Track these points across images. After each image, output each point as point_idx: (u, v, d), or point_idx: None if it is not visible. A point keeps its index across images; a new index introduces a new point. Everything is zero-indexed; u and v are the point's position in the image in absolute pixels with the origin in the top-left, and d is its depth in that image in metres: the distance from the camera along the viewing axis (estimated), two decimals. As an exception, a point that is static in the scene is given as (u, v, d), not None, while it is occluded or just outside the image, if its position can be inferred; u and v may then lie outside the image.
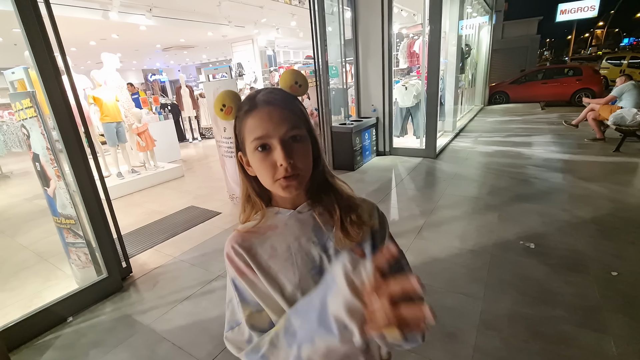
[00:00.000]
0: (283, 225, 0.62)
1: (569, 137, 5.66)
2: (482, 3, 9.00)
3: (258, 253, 0.61)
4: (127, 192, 4.53)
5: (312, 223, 0.63)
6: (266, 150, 0.55)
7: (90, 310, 2.16)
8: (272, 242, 0.62)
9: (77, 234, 2.27)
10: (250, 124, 0.56)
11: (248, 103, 0.57)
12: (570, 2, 20.79)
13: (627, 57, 11.89)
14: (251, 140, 0.56)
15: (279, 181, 0.56)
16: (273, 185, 0.57)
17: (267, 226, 0.63)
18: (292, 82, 0.60)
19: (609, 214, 2.87)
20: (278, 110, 0.56)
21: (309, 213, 0.63)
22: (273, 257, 0.61)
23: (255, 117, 0.55)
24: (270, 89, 0.60)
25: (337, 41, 5.13)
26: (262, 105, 0.56)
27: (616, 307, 1.80)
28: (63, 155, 2.10)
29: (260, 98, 0.57)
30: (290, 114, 0.56)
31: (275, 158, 0.55)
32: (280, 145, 0.54)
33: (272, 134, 0.54)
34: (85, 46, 8.28)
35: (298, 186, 0.57)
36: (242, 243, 0.62)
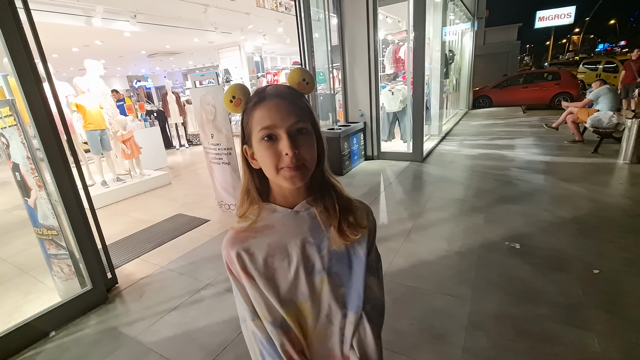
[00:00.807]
0: (280, 224, 0.63)
1: (549, 140, 5.84)
2: (464, 10, 9.25)
3: (255, 253, 0.62)
4: (112, 200, 4.43)
5: (309, 222, 0.63)
6: (272, 140, 0.56)
7: (73, 324, 2.09)
8: (268, 241, 0.63)
9: (59, 245, 2.20)
10: (258, 114, 0.57)
11: (257, 96, 0.59)
12: (547, 9, 21.61)
13: (602, 62, 12.36)
14: (258, 129, 0.57)
15: (283, 170, 0.56)
16: (277, 175, 0.57)
17: (263, 225, 0.63)
18: (300, 79, 0.61)
19: (589, 213, 2.97)
20: (286, 103, 0.57)
21: (306, 212, 0.64)
22: (270, 257, 0.62)
23: (264, 108, 0.57)
24: (278, 84, 0.62)
25: (323, 47, 5.18)
26: (271, 98, 0.57)
27: (598, 304, 1.86)
28: (44, 165, 2.05)
29: (269, 91, 0.58)
30: (297, 108, 0.57)
31: (280, 148, 0.55)
32: (286, 136, 0.55)
33: (279, 125, 0.56)
34: (67, 53, 8.11)
35: (302, 178, 0.57)
36: (240, 244, 0.63)
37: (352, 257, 0.65)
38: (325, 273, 0.63)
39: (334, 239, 0.62)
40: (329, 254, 0.63)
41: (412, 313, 1.91)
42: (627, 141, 4.30)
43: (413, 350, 1.66)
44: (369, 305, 0.66)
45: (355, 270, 0.64)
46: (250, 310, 0.64)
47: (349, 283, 0.64)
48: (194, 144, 8.70)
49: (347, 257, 0.64)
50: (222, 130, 3.46)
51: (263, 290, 0.63)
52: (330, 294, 0.63)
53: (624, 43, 46.44)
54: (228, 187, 3.65)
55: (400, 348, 1.67)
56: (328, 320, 0.64)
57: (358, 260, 0.65)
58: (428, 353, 1.64)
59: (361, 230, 0.64)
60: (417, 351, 1.65)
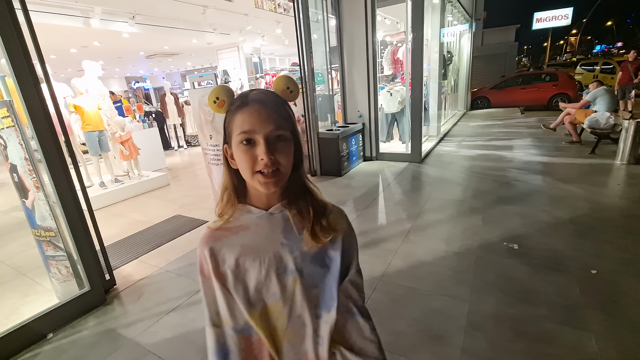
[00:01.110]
0: (254, 225, 0.65)
1: (547, 140, 5.86)
2: (462, 12, 9.29)
3: (228, 252, 0.64)
4: (111, 202, 4.42)
5: (283, 225, 0.65)
6: (250, 144, 0.59)
7: (71, 326, 2.08)
8: (242, 241, 0.64)
9: (57, 247, 2.20)
10: (239, 118, 0.59)
11: (240, 99, 0.61)
12: (545, 11, 21.73)
13: (600, 63, 12.43)
14: (238, 133, 0.59)
15: (257, 175, 0.59)
16: (252, 178, 0.60)
17: (238, 226, 0.66)
18: (284, 87, 0.63)
19: (586, 214, 2.98)
20: (267, 109, 0.59)
21: (280, 215, 0.65)
22: (242, 256, 0.64)
23: (245, 112, 0.59)
24: (262, 90, 0.63)
25: (322, 48, 5.19)
26: (253, 103, 0.59)
27: (596, 304, 1.86)
28: (42, 166, 2.04)
29: (252, 96, 0.60)
30: (277, 115, 0.59)
31: (257, 153, 0.58)
32: (264, 141, 0.58)
33: (258, 130, 0.58)
34: (65, 53, 8.09)
35: (276, 183, 0.60)
36: (214, 243, 0.65)
37: (325, 259, 0.65)
38: (298, 274, 0.63)
39: (306, 240, 0.64)
40: (302, 255, 0.64)
41: (411, 314, 1.91)
42: (624, 142, 4.32)
43: (412, 351, 1.66)
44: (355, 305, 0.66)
45: (329, 272, 0.65)
46: (210, 315, 0.65)
47: (322, 284, 0.64)
48: (192, 145, 8.70)
49: (320, 259, 0.65)
50: (220, 131, 3.43)
51: (232, 291, 0.64)
52: (303, 294, 0.63)
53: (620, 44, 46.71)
54: (227, 188, 3.64)
55: (398, 349, 1.67)
56: (300, 322, 0.64)
57: (331, 262, 0.65)
58: (427, 354, 1.64)
59: (334, 233, 0.65)
60: (416, 352, 1.65)
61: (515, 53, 16.93)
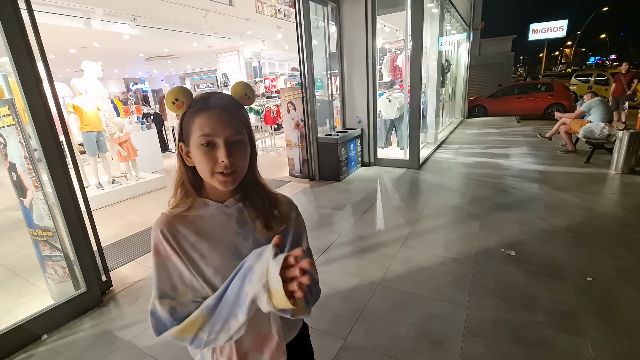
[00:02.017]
0: (210, 216, 0.69)
1: (543, 149, 5.93)
2: (460, 21, 9.43)
3: (184, 238, 0.67)
4: (107, 203, 4.39)
5: (237, 215, 0.70)
6: (210, 147, 0.62)
7: (67, 327, 2.06)
8: (197, 229, 0.67)
9: (54, 247, 2.18)
10: (199, 121, 0.62)
11: (200, 102, 0.64)
12: (541, 22, 22.12)
13: (594, 74, 12.64)
14: (198, 135, 0.62)
15: (217, 175, 0.63)
16: (211, 177, 0.64)
17: (194, 215, 0.68)
18: (243, 93, 0.68)
19: (582, 222, 3.01)
20: (227, 114, 0.63)
21: (235, 207, 0.70)
22: (198, 243, 0.67)
23: (206, 116, 0.62)
24: (221, 94, 0.68)
25: (322, 54, 5.24)
26: (214, 108, 0.63)
27: (592, 311, 1.88)
28: (41, 165, 2.04)
29: (213, 101, 0.64)
30: (236, 120, 0.64)
31: (217, 155, 0.62)
32: (224, 145, 0.62)
33: (219, 134, 0.62)
34: (64, 54, 8.08)
35: (234, 182, 0.65)
36: (170, 228, 0.67)
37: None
38: None
39: (260, 230, 0.70)
40: (255, 242, 0.69)
41: (410, 319, 1.92)
42: (618, 152, 4.39)
43: (411, 356, 1.66)
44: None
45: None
46: (162, 291, 0.65)
47: None
48: (190, 147, 8.67)
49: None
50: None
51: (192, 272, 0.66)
52: None
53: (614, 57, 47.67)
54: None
55: (398, 354, 1.67)
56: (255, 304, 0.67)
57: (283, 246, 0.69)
58: (426, 359, 1.64)
59: (285, 221, 0.72)
60: (415, 357, 1.65)
61: (512, 63, 17.17)
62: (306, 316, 0.65)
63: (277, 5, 8.89)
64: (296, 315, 0.59)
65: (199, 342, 0.62)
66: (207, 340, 0.61)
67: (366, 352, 1.71)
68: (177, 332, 0.62)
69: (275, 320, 0.70)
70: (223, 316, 0.59)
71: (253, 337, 0.69)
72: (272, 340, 0.69)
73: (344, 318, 1.96)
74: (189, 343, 0.63)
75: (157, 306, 0.64)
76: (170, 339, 0.63)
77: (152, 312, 0.64)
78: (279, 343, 0.69)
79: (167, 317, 0.63)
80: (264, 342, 0.69)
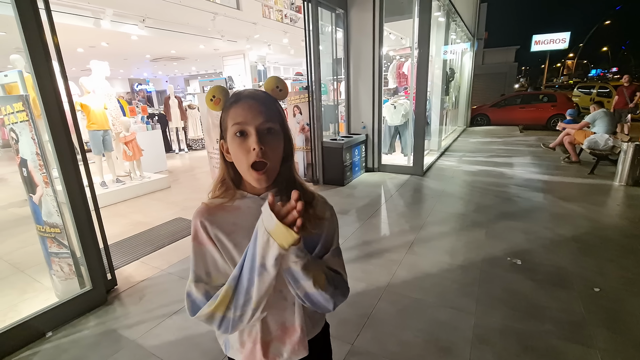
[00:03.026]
0: (246, 207, 0.70)
1: (546, 159, 5.95)
2: (465, 30, 9.51)
3: (220, 227, 0.69)
4: (111, 202, 4.39)
5: None
6: (243, 136, 0.64)
7: (71, 325, 2.05)
8: (234, 220, 0.70)
9: (61, 244, 2.17)
10: (233, 112, 0.65)
11: (234, 96, 0.68)
12: (543, 34, 22.29)
13: (596, 86, 12.73)
14: (232, 125, 0.65)
15: (251, 172, 0.65)
16: (247, 171, 0.66)
17: (232, 206, 0.71)
18: (274, 86, 0.70)
19: (588, 232, 3.01)
20: (258, 104, 0.65)
21: None
22: (233, 233, 0.69)
23: (238, 107, 0.65)
24: (254, 89, 0.70)
25: (327, 59, 5.28)
26: (245, 99, 0.66)
27: (600, 321, 1.87)
28: (51, 162, 2.04)
29: (245, 93, 0.67)
30: (267, 110, 0.66)
31: (249, 143, 0.64)
32: (255, 132, 0.64)
33: (250, 122, 0.64)
34: (72, 53, 8.13)
35: (268, 179, 0.66)
36: (208, 217, 0.69)
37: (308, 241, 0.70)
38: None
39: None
40: None
41: (417, 325, 1.91)
42: (622, 164, 4.39)
43: (419, 362, 1.65)
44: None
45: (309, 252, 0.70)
46: (197, 275, 0.69)
47: None
48: (193, 149, 8.70)
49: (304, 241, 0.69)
50: (227, 135, 3.47)
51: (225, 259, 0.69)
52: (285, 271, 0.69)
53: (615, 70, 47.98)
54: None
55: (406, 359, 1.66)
56: (282, 295, 0.70)
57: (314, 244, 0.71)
58: (434, 366, 1.63)
59: (320, 221, 0.72)
60: (423, 363, 1.64)
61: (515, 73, 17.32)
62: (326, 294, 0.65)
63: (283, 10, 8.99)
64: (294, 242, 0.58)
65: (227, 324, 0.64)
66: (233, 319, 0.64)
67: (374, 357, 1.70)
68: (209, 310, 0.64)
69: (300, 314, 0.70)
70: (244, 287, 0.61)
71: (276, 328, 0.70)
72: (294, 333, 0.70)
73: (351, 322, 1.95)
74: (218, 326, 0.65)
75: (193, 289, 0.68)
76: (203, 319, 0.66)
77: (188, 294, 0.69)
78: (301, 337, 0.70)
79: (201, 300, 0.67)
80: (286, 334, 0.70)
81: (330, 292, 0.66)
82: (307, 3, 4.41)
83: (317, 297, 0.66)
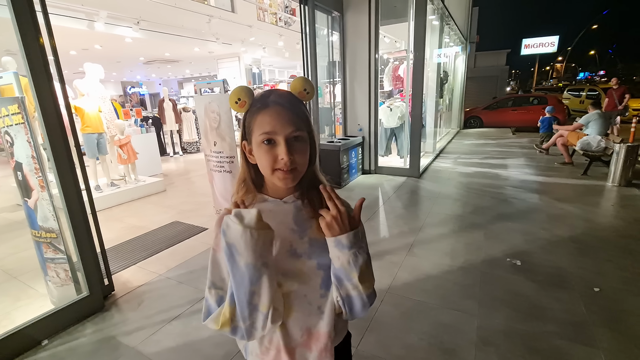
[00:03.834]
0: (268, 211, 0.69)
1: (540, 161, 6.02)
2: (458, 34, 9.63)
3: None
4: (106, 206, 4.32)
5: (294, 212, 0.70)
6: (271, 144, 0.63)
7: (68, 332, 2.00)
8: None
9: (57, 249, 2.12)
10: (260, 119, 0.64)
11: (261, 101, 0.65)
12: (533, 38, 22.70)
13: (586, 89, 12.96)
14: (260, 133, 0.63)
15: (277, 172, 0.64)
16: (272, 175, 0.65)
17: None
18: (302, 88, 0.68)
19: (585, 233, 3.05)
20: (286, 111, 0.63)
21: (292, 204, 0.71)
22: None
23: (266, 114, 0.63)
24: (281, 91, 0.68)
25: (323, 62, 5.28)
26: (273, 105, 0.64)
27: (602, 321, 1.89)
28: (48, 165, 2.00)
29: (272, 99, 0.65)
30: (296, 117, 0.64)
31: (277, 152, 0.63)
32: (284, 142, 0.62)
33: (279, 132, 0.62)
34: (65, 55, 7.99)
35: (294, 179, 0.65)
36: None
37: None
38: (306, 257, 0.68)
39: (314, 229, 0.68)
40: (310, 240, 0.68)
41: (421, 327, 1.90)
42: (615, 165, 4.47)
43: (424, 365, 1.64)
44: None
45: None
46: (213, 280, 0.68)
47: (329, 267, 0.68)
48: (188, 152, 8.62)
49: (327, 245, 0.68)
50: (225, 138, 3.44)
51: None
52: (308, 276, 0.68)
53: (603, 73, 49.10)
54: (228, 196, 3.61)
55: (411, 363, 1.65)
56: (306, 301, 0.68)
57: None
58: (440, 368, 1.62)
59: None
60: (429, 366, 1.63)
61: (506, 76, 17.58)
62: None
63: (278, 13, 9.00)
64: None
65: (241, 333, 0.63)
66: (246, 328, 0.62)
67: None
68: (211, 321, 0.65)
69: (329, 320, 0.69)
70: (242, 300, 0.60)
71: (301, 334, 0.68)
72: (321, 339, 0.68)
73: (354, 326, 1.93)
74: (232, 334, 0.64)
75: (207, 295, 0.69)
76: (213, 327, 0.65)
77: (205, 299, 0.69)
78: (327, 344, 0.68)
79: (214, 306, 0.67)
80: (312, 340, 0.69)
81: (368, 294, 0.65)
82: (304, 5, 4.41)
83: (356, 301, 0.65)
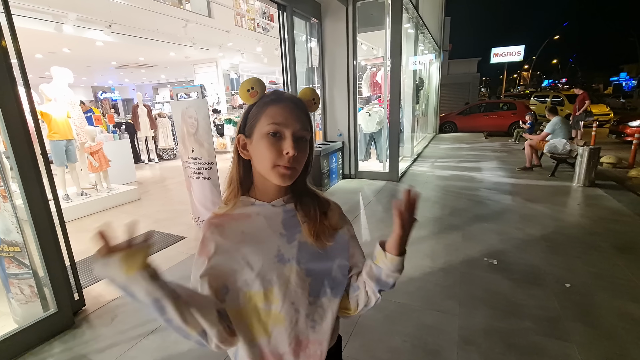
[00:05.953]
0: (255, 214, 0.68)
1: (512, 163, 6.29)
2: (432, 42, 9.96)
3: (230, 237, 0.66)
4: (76, 216, 4.10)
5: (283, 216, 0.69)
6: (277, 137, 0.62)
7: (33, 353, 1.86)
8: (243, 228, 0.67)
9: (21, 263, 1.98)
10: (272, 110, 0.63)
11: (275, 94, 0.66)
12: (501, 47, 23.88)
13: (550, 95, 13.76)
14: (268, 123, 0.62)
15: (278, 168, 0.62)
16: (271, 170, 0.63)
17: (241, 213, 0.69)
18: (310, 98, 0.69)
19: (554, 231, 3.20)
20: (298, 110, 0.65)
21: (281, 208, 0.69)
22: (242, 242, 0.66)
23: (279, 107, 0.63)
24: (295, 95, 0.69)
25: (301, 68, 5.30)
26: (287, 101, 0.64)
27: (574, 316, 1.98)
28: (10, 174, 1.88)
29: (286, 95, 0.66)
30: (305, 118, 0.66)
31: (283, 146, 0.62)
32: (291, 137, 0.62)
33: (289, 125, 0.62)
34: (30, 59, 7.60)
35: (292, 178, 0.64)
36: (217, 228, 0.67)
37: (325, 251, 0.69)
38: (295, 263, 0.66)
39: (304, 233, 0.68)
40: (299, 245, 0.67)
41: (405, 330, 1.91)
42: (579, 166, 4.74)
43: (409, 367, 1.65)
44: None
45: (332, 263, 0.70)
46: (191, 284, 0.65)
47: (321, 274, 0.68)
48: (164, 159, 8.36)
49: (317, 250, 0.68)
50: (203, 144, 3.37)
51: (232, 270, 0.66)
52: (297, 282, 0.66)
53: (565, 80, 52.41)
54: (207, 203, 3.52)
55: (396, 366, 1.65)
56: (294, 308, 0.66)
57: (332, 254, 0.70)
58: (424, 370, 1.64)
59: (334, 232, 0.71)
60: (413, 368, 1.64)
61: (477, 83, 18.37)
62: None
63: (256, 19, 8.97)
64: None
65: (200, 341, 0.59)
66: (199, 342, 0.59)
67: (364, 365, 1.68)
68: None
69: (318, 329, 0.68)
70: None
71: (290, 342, 0.66)
72: (310, 348, 0.67)
73: (338, 331, 1.92)
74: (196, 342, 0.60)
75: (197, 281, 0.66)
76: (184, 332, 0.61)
77: None
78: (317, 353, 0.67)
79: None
80: (300, 348, 0.67)
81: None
82: (282, 12, 4.43)
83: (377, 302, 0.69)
